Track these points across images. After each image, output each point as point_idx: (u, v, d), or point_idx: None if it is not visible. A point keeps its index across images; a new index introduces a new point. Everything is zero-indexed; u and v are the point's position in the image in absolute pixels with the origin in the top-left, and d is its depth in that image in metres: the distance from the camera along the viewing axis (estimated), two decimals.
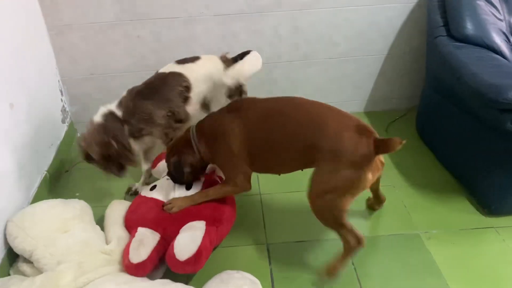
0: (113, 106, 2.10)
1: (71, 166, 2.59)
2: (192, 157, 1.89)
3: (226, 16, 2.57)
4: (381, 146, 1.59)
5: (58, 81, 2.67)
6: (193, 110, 2.14)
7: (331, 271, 1.76)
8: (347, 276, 1.82)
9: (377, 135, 1.65)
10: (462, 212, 2.15)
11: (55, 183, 2.43)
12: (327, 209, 1.67)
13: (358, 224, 1.91)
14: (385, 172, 2.37)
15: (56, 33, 2.55)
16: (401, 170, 2.45)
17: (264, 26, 2.62)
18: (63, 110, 2.71)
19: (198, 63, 2.15)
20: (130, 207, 2.02)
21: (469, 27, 2.17)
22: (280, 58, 2.75)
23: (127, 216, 1.99)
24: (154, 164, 2.30)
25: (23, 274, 1.81)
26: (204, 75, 2.12)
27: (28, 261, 1.81)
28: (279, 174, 1.91)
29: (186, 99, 2.09)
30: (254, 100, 1.85)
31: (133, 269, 1.71)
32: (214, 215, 1.89)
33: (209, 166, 2.05)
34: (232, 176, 1.86)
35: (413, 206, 2.20)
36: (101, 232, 1.94)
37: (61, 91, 2.69)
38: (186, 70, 2.11)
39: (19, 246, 1.80)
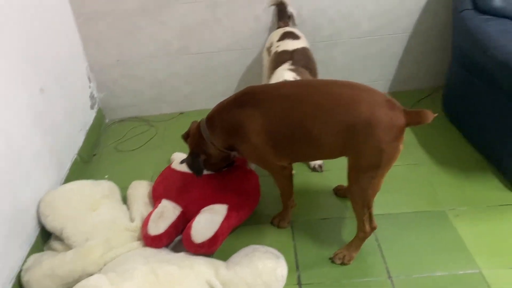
0: None
1: (99, 150, 2.67)
2: (206, 153, 1.82)
3: None
4: (412, 118, 1.57)
5: (86, 67, 2.75)
6: None
7: (347, 261, 1.79)
8: (370, 253, 1.82)
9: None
10: (489, 189, 2.10)
11: (85, 166, 2.51)
12: (364, 188, 1.65)
13: (382, 201, 1.91)
14: (409, 150, 2.39)
15: (82, 20, 2.62)
16: (426, 148, 2.41)
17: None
18: (91, 96, 2.79)
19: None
20: (158, 177, 2.09)
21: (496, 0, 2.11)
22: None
23: (154, 186, 2.05)
24: None
25: (55, 251, 1.89)
26: None
27: (59, 238, 1.89)
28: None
29: None
30: (266, 89, 1.71)
31: (149, 240, 1.77)
32: (238, 199, 1.92)
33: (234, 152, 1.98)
34: (269, 170, 1.86)
35: (439, 183, 2.16)
36: (127, 211, 2.01)
37: (88, 78, 2.77)
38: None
39: (50, 224, 1.89)
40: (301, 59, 2.14)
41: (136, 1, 2.57)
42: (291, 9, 2.53)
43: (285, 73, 2.03)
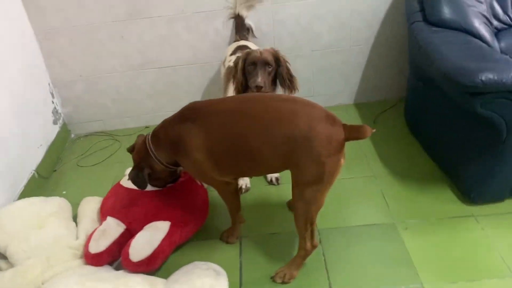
0: None
1: (60, 165, 2.67)
2: (151, 168, 1.79)
3: (205, 13, 2.59)
4: (352, 133, 1.57)
5: (49, 83, 2.76)
6: None
7: (287, 279, 1.77)
8: (315, 268, 1.81)
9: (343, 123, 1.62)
10: (443, 201, 2.08)
11: (44, 182, 2.51)
12: (307, 203, 1.64)
13: (333, 214, 1.90)
14: (367, 162, 2.39)
15: (43, 37, 2.64)
16: (385, 160, 2.40)
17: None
18: (55, 112, 2.80)
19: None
20: (107, 194, 2.08)
21: (445, 11, 2.11)
22: None
23: (103, 202, 2.04)
24: None
25: (0, 270, 1.87)
26: None
27: (4, 257, 1.88)
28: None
29: None
30: (208, 104, 1.69)
31: (89, 258, 1.76)
32: (182, 216, 1.91)
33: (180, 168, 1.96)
34: (213, 185, 1.84)
35: (392, 195, 2.15)
36: (75, 228, 1.99)
37: (52, 94, 2.78)
38: None
39: None
40: None
41: (95, 18, 2.58)
42: (249, 21, 2.54)
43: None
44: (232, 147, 1.63)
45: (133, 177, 1.82)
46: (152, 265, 1.76)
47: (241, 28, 2.51)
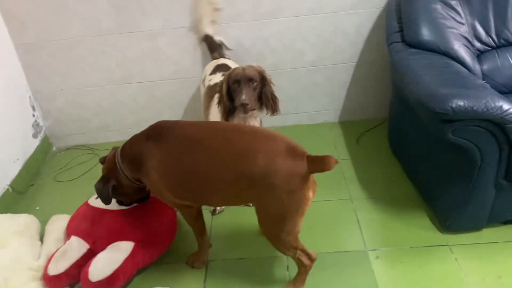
0: None
1: (38, 179, 2.65)
2: (118, 182, 1.77)
3: (186, 28, 2.56)
4: (315, 165, 1.51)
5: (30, 97, 2.74)
6: None
7: None
8: None
9: (308, 153, 1.56)
10: (419, 228, 2.02)
11: (19, 197, 2.48)
12: (281, 237, 1.60)
13: (304, 239, 1.84)
14: (346, 184, 2.33)
15: (23, 51, 2.62)
16: (364, 183, 2.34)
17: (226, 38, 2.58)
18: (35, 125, 2.78)
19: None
20: (74, 213, 2.04)
21: (424, 33, 2.05)
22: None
23: (69, 222, 2.01)
24: None
25: None
26: None
27: None
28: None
29: None
30: (174, 126, 1.65)
31: (47, 280, 1.73)
32: (147, 236, 1.87)
33: None
34: (174, 207, 1.80)
35: (367, 221, 2.09)
36: (40, 247, 1.96)
37: (33, 107, 2.77)
38: None
39: None
40: None
41: (76, 31, 2.56)
42: (218, 37, 2.50)
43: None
44: (187, 175, 1.59)
45: (98, 188, 1.78)
46: (112, 286, 1.71)
47: (214, 46, 2.47)
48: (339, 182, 2.36)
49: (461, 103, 1.61)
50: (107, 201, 1.78)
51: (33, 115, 2.77)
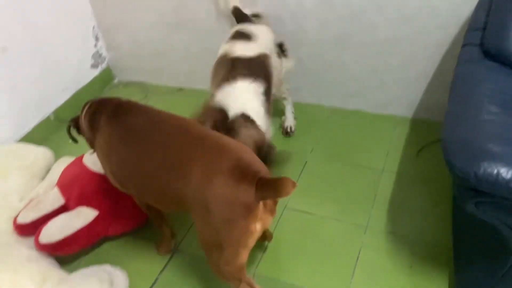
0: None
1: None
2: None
3: None
4: (266, 190, 1.20)
5: (93, 26, 2.74)
6: None
7: None
8: None
9: (264, 174, 1.23)
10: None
11: (59, 126, 2.55)
12: (219, 266, 1.36)
13: (281, 261, 1.60)
14: (371, 205, 1.89)
15: None
16: (393, 213, 1.84)
17: None
18: (97, 56, 2.80)
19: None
20: (71, 162, 2.02)
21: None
22: (306, 34, 2.26)
23: (63, 170, 1.99)
24: None
25: None
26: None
27: None
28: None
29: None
30: (129, 111, 1.48)
31: (14, 226, 1.76)
32: (114, 210, 1.79)
33: None
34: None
35: (368, 262, 1.66)
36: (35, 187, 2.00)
37: (96, 37, 2.77)
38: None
39: None
40: (264, 78, 1.73)
41: None
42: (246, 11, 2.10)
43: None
44: (125, 167, 1.43)
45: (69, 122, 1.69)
46: (59, 252, 1.70)
47: (242, 18, 2.06)
48: (364, 199, 1.91)
49: (493, 170, 1.06)
50: (72, 138, 1.68)
51: (95, 46, 2.78)
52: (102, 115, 1.50)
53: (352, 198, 1.92)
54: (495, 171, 1.06)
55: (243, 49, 1.80)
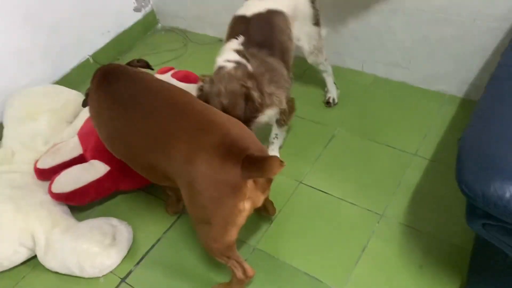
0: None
1: (125, 55, 2.69)
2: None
3: None
4: (252, 169, 1.14)
5: None
6: None
7: None
8: None
9: (253, 151, 1.15)
10: None
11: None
12: (208, 242, 1.34)
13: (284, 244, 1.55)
14: (391, 194, 1.74)
15: None
16: (415, 205, 1.68)
17: None
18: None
19: None
20: None
21: None
22: None
23: (87, 118, 2.00)
24: None
25: None
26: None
27: None
28: None
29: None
30: (120, 78, 1.44)
31: (34, 170, 1.82)
32: (124, 165, 1.74)
33: None
34: None
35: (374, 255, 1.56)
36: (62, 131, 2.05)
37: None
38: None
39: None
40: (260, 34, 1.62)
41: None
42: None
43: (227, 55, 1.58)
44: (114, 137, 1.43)
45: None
46: (70, 202, 1.76)
47: None
48: (386, 185, 1.77)
49: (504, 192, 0.90)
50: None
51: None
52: (93, 83, 1.51)
53: (373, 182, 1.78)
54: (508, 194, 0.90)
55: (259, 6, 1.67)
